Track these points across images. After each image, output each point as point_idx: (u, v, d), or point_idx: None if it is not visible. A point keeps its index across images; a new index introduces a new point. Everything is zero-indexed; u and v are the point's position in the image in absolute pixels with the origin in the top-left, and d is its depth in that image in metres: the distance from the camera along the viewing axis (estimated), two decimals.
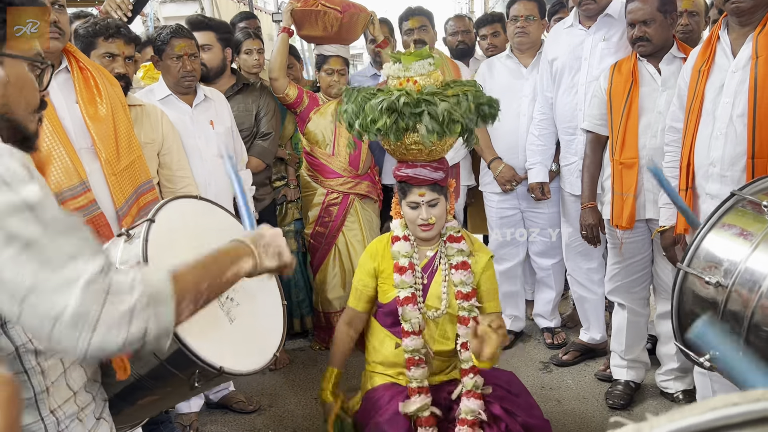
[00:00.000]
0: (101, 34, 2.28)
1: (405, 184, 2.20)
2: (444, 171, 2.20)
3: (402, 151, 2.17)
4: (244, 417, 3.01)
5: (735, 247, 1.40)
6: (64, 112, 2.00)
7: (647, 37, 2.60)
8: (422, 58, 2.15)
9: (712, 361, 1.41)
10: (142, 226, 1.34)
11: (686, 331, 1.51)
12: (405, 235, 2.25)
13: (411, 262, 2.22)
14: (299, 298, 3.75)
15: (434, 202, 2.17)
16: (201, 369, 1.31)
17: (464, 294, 2.20)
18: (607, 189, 2.86)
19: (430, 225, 2.17)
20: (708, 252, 1.46)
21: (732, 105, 2.19)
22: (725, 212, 1.49)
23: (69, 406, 1.14)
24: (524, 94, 3.33)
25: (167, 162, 2.45)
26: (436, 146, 2.13)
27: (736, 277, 1.35)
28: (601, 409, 2.92)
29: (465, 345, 2.18)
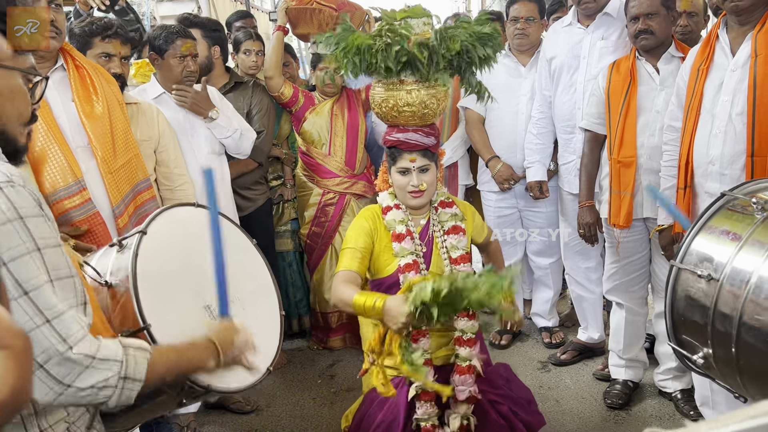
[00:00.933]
0: (98, 34, 2.27)
1: (395, 150, 2.15)
2: (435, 137, 2.16)
3: (393, 114, 2.12)
4: (242, 417, 3.00)
5: (724, 246, 1.43)
6: (59, 110, 1.98)
7: (651, 30, 2.59)
8: (417, 17, 2.07)
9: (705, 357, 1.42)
10: (134, 237, 1.33)
11: (680, 331, 1.52)
12: (396, 204, 2.20)
13: (408, 228, 2.16)
14: (297, 298, 3.73)
15: (425, 167, 2.13)
16: (188, 386, 1.31)
17: (455, 258, 2.16)
18: (605, 188, 2.86)
19: (420, 192, 2.12)
20: (699, 251, 1.48)
21: (731, 103, 2.19)
22: (715, 212, 1.51)
23: (60, 426, 1.13)
24: (522, 93, 3.32)
25: (164, 159, 2.43)
26: (428, 108, 2.08)
27: (726, 271, 1.37)
28: (600, 409, 2.91)
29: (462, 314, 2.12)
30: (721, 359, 1.40)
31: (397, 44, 1.95)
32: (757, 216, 1.40)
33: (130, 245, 1.33)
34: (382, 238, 2.18)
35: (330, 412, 2.97)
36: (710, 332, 1.39)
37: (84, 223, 1.94)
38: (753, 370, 1.34)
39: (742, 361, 1.34)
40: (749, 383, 1.38)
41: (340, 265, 2.13)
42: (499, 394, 2.17)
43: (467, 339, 2.15)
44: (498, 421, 2.10)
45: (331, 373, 3.38)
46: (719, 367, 1.43)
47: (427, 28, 2.07)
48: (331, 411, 2.97)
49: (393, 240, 2.15)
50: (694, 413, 2.71)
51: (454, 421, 2.10)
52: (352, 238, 2.15)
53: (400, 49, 1.96)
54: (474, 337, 2.17)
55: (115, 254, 1.34)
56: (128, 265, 1.28)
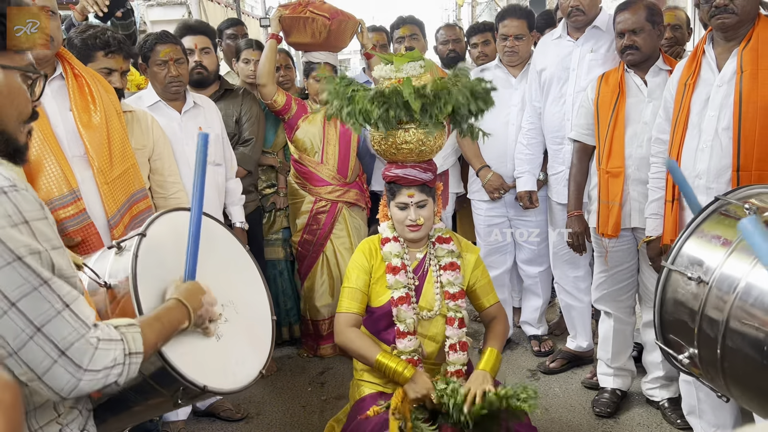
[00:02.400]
0: (101, 49, 2.28)
1: (394, 185, 2.22)
2: (433, 172, 2.22)
3: (392, 151, 2.18)
4: (232, 425, 3.00)
5: (714, 251, 1.45)
6: (57, 119, 1.98)
7: (636, 45, 2.64)
8: (413, 60, 2.17)
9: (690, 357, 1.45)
10: (134, 240, 1.34)
11: (667, 331, 1.55)
12: (394, 236, 2.27)
13: (403, 262, 2.24)
14: (287, 306, 3.74)
15: (423, 203, 2.19)
16: (184, 387, 1.32)
17: (451, 294, 2.24)
18: (593, 198, 2.90)
19: (418, 226, 2.18)
20: (690, 255, 1.51)
21: (717, 118, 2.23)
22: (708, 216, 1.53)
23: (51, 427, 1.13)
24: (513, 104, 3.36)
25: (158, 168, 2.43)
26: (425, 146, 2.14)
27: (716, 275, 1.40)
28: (588, 417, 2.94)
29: (453, 347, 2.22)
30: (706, 360, 1.43)
31: (395, 107, 2.04)
32: None
33: (129, 247, 1.34)
34: (378, 269, 2.26)
35: (320, 420, 2.97)
36: (697, 334, 1.42)
37: (78, 234, 1.94)
38: (736, 372, 1.37)
39: (726, 364, 1.37)
40: (732, 385, 1.41)
41: (341, 306, 2.25)
42: None
43: (455, 370, 2.22)
44: None
45: (321, 381, 3.39)
46: (704, 367, 1.46)
47: (423, 71, 2.16)
48: (321, 419, 2.98)
49: (387, 272, 2.24)
50: (681, 422, 2.74)
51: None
52: (352, 276, 2.26)
53: (397, 112, 2.05)
54: (462, 369, 2.25)
55: (114, 256, 1.36)
56: (128, 267, 1.29)
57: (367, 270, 2.25)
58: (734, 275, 1.36)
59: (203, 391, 1.35)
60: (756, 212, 1.40)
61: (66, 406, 1.17)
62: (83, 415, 1.22)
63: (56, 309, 1.02)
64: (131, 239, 1.36)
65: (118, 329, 1.12)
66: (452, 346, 2.21)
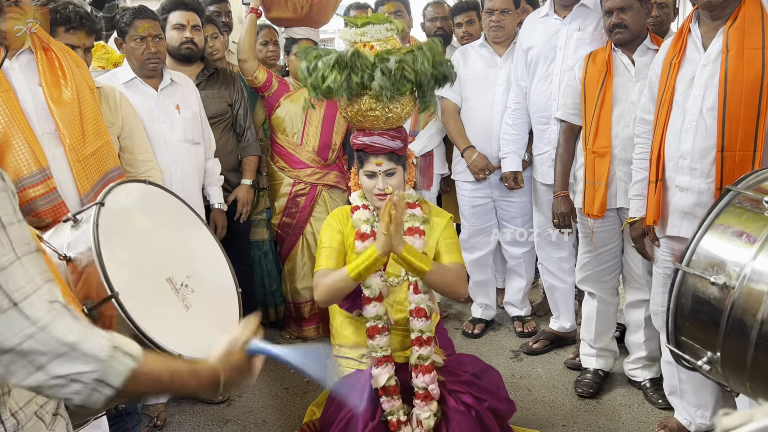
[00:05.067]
0: (62, 24, 2.20)
1: (362, 153, 2.17)
2: (402, 140, 2.17)
3: (359, 118, 2.13)
4: (213, 408, 2.97)
5: (737, 249, 1.35)
6: (26, 95, 1.91)
7: (624, 23, 2.61)
8: (379, 23, 2.11)
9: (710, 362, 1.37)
10: (91, 210, 1.30)
11: (681, 334, 1.47)
12: (364, 204, 2.24)
13: (372, 229, 2.19)
14: (272, 288, 3.69)
15: (391, 171, 2.15)
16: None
17: None
18: (579, 178, 2.88)
19: (386, 195, 2.13)
20: (708, 252, 1.40)
21: (702, 98, 2.21)
22: (722, 209, 1.44)
23: (30, 407, 1.10)
24: (498, 83, 3.32)
25: (128, 146, 2.36)
26: (392, 113, 2.10)
27: (743, 279, 1.29)
28: (571, 398, 2.95)
29: (411, 312, 2.18)
30: (731, 365, 1.35)
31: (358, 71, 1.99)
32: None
33: (87, 218, 1.30)
34: (349, 236, 2.22)
35: (302, 402, 2.96)
36: (722, 338, 1.33)
37: (48, 214, 1.88)
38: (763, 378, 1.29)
39: (756, 370, 1.29)
40: (760, 389, 1.33)
41: (317, 265, 2.19)
42: (460, 382, 2.20)
43: (426, 338, 2.19)
44: (458, 408, 2.12)
45: None
46: (725, 372, 1.38)
47: (390, 34, 2.10)
48: (304, 401, 2.96)
49: (356, 238, 2.20)
50: (663, 402, 2.76)
51: (427, 420, 2.13)
52: (326, 237, 2.22)
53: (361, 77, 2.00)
54: (431, 336, 2.21)
55: (69, 229, 1.32)
56: (89, 237, 1.25)
57: (339, 230, 2.21)
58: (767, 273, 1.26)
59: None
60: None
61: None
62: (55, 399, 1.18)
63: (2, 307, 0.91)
64: (88, 210, 1.32)
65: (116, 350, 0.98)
66: (411, 311, 2.18)
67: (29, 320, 0.92)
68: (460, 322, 3.66)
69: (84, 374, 0.94)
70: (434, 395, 2.15)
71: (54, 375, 0.93)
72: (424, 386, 2.14)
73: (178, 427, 2.84)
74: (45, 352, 0.92)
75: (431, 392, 2.15)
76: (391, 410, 2.15)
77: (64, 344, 0.93)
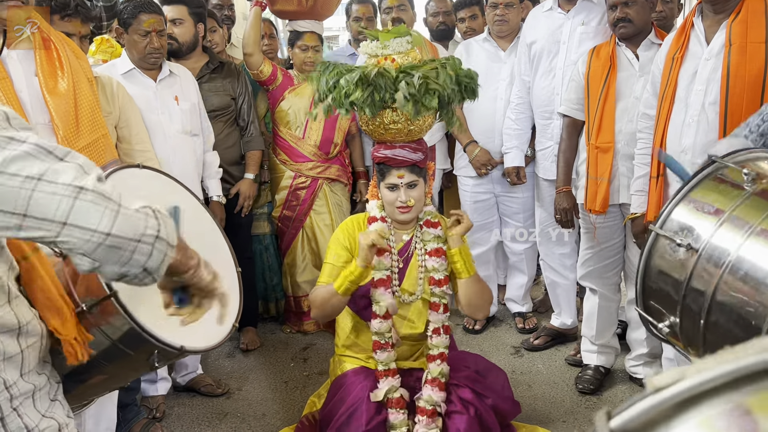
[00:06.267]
0: (57, 12, 2.18)
1: (383, 166, 2.17)
2: (423, 152, 2.17)
3: (380, 131, 2.13)
4: (213, 400, 2.98)
5: (704, 220, 1.37)
6: (21, 84, 1.91)
7: (629, 18, 2.59)
8: (400, 36, 2.11)
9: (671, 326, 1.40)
10: None
11: (649, 297, 1.49)
12: (382, 217, 2.22)
13: (388, 244, 2.19)
14: (273, 282, 3.70)
15: (413, 183, 2.15)
16: (160, 349, 1.27)
17: (437, 280, 2.19)
18: (582, 173, 2.86)
19: (408, 207, 2.14)
20: (679, 221, 1.42)
21: (705, 93, 2.19)
22: (701, 180, 1.44)
23: (22, 382, 1.09)
24: (502, 78, 3.30)
25: (125, 136, 2.36)
26: (414, 125, 2.10)
27: (705, 245, 1.32)
28: (571, 394, 2.93)
29: (436, 330, 2.19)
30: (687, 331, 1.38)
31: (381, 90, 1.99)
32: (746, 188, 1.33)
33: None
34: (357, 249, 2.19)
35: (302, 395, 2.95)
36: (681, 303, 1.37)
37: None
38: (718, 346, 1.33)
39: (709, 336, 1.32)
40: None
41: (318, 281, 2.23)
42: (460, 376, 2.20)
43: (439, 353, 2.20)
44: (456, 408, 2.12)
45: (303, 357, 3.37)
46: (683, 337, 1.41)
47: (410, 46, 2.10)
48: (303, 394, 2.96)
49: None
50: None
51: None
52: (331, 254, 2.24)
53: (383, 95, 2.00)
54: (444, 352, 2.22)
55: None
56: None
57: (346, 247, 2.21)
58: (725, 246, 1.29)
59: (180, 352, 1.30)
60: (755, 179, 1.32)
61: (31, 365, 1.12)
62: (52, 384, 1.18)
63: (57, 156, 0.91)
64: None
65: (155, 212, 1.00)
66: (435, 330, 2.20)
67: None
68: (461, 318, 3.65)
69: (151, 221, 0.96)
70: (442, 411, 2.14)
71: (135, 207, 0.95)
72: (435, 403, 2.14)
73: (177, 419, 2.85)
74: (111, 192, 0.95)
75: (439, 409, 2.14)
76: (395, 423, 2.14)
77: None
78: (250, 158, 3.29)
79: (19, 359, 1.09)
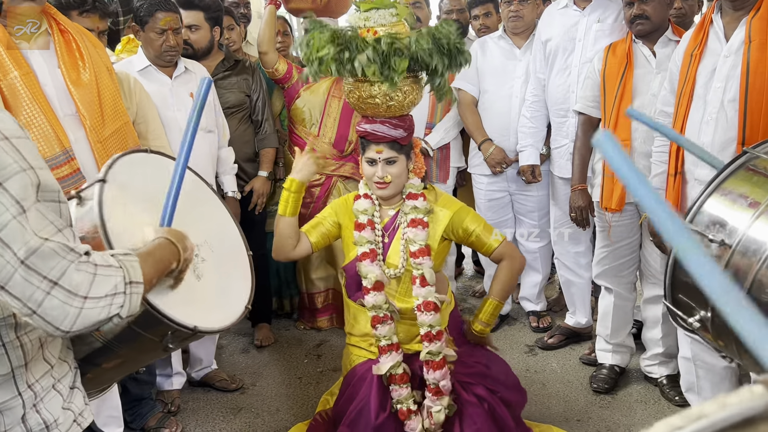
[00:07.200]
0: (75, 8, 2.21)
1: (364, 140, 2.16)
2: (405, 129, 2.13)
3: (360, 105, 2.10)
4: (227, 395, 3.00)
5: (739, 211, 1.34)
6: (46, 77, 1.93)
7: (646, 14, 2.57)
8: (383, 7, 2.04)
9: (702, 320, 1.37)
10: (94, 187, 1.30)
11: (678, 291, 1.47)
12: (366, 194, 2.22)
13: (370, 219, 2.19)
14: (287, 278, 3.71)
15: (392, 159, 2.12)
16: (173, 330, 1.28)
17: (413, 252, 2.15)
18: (597, 171, 2.85)
19: (385, 183, 2.12)
20: (712, 212, 1.39)
21: (723, 90, 2.17)
22: (733, 172, 1.41)
23: (46, 380, 1.11)
24: (517, 76, 3.29)
25: (142, 131, 2.37)
26: (394, 101, 2.05)
27: (740, 238, 1.29)
28: (586, 393, 2.92)
29: (418, 307, 2.14)
30: (719, 325, 1.35)
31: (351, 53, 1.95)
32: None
33: (90, 196, 1.29)
34: (349, 225, 2.22)
35: (315, 391, 2.97)
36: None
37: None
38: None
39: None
40: (746, 353, 1.33)
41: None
42: (472, 373, 2.18)
43: (436, 333, 2.16)
44: (471, 401, 2.11)
45: (317, 353, 3.38)
46: (715, 331, 1.38)
47: (395, 19, 2.04)
48: (317, 390, 2.97)
49: (354, 228, 2.20)
50: (680, 398, 2.72)
51: (438, 414, 2.11)
52: (322, 213, 2.30)
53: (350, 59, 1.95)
54: (441, 330, 2.19)
55: (75, 207, 1.32)
56: (95, 216, 1.24)
57: (334, 215, 2.25)
58: (761, 240, 1.26)
59: (194, 332, 1.31)
60: None
61: (55, 356, 1.15)
62: (72, 371, 1.20)
63: (42, 238, 0.94)
64: (91, 187, 1.32)
65: (115, 257, 1.05)
66: (418, 306, 2.14)
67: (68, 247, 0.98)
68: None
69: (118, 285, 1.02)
70: (445, 391, 2.13)
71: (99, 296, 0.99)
72: (436, 382, 2.13)
73: (192, 413, 2.87)
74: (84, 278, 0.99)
75: (443, 388, 2.13)
76: (400, 399, 2.14)
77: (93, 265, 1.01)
78: (264, 156, 3.31)
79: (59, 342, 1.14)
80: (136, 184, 1.42)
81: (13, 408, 1.06)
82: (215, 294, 1.47)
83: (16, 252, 0.92)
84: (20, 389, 1.07)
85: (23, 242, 0.92)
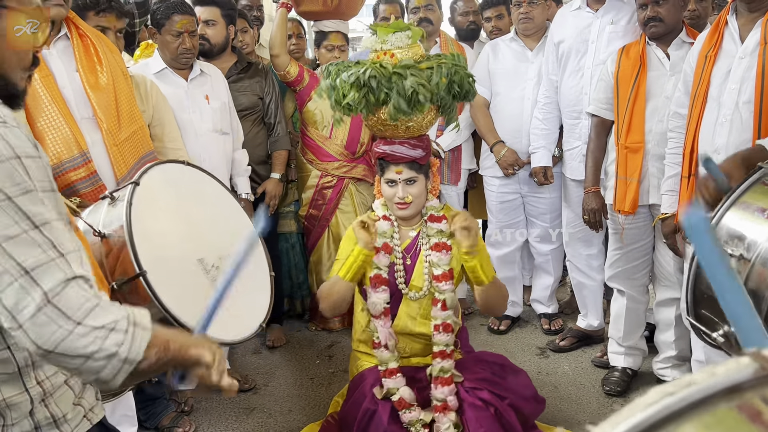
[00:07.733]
0: (92, 8, 2.23)
1: (383, 161, 2.15)
2: (423, 149, 2.14)
3: (379, 127, 2.12)
4: (240, 396, 3.01)
5: (758, 224, 1.33)
6: (64, 80, 1.96)
7: (660, 17, 2.56)
8: (400, 30, 2.08)
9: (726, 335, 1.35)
10: (127, 188, 1.32)
11: (700, 306, 1.46)
12: (385, 215, 2.22)
13: (386, 243, 2.18)
14: (299, 280, 3.73)
15: (412, 180, 2.12)
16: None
17: (437, 275, 2.16)
18: (610, 174, 2.84)
19: (406, 204, 2.12)
20: (730, 227, 1.38)
21: (738, 91, 2.16)
22: (750, 186, 1.41)
23: (57, 377, 1.13)
24: (529, 78, 3.29)
25: (158, 134, 2.40)
26: (412, 122, 2.07)
27: (759, 251, 1.28)
28: (598, 396, 2.91)
29: (437, 327, 2.17)
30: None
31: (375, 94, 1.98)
32: None
33: (122, 197, 1.32)
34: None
35: (327, 392, 2.97)
36: None
37: (90, 196, 1.92)
38: None
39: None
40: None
41: (329, 276, 2.24)
42: (477, 379, 2.19)
43: (449, 352, 2.18)
44: (475, 403, 2.11)
45: (329, 354, 3.39)
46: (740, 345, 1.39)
47: (410, 41, 2.07)
48: (328, 391, 2.98)
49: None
50: None
51: (447, 431, 2.12)
52: (342, 249, 2.24)
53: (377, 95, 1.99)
54: (453, 349, 2.21)
55: (107, 207, 1.34)
56: (122, 215, 1.27)
57: (355, 243, 2.18)
58: None
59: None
60: None
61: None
62: None
63: (49, 256, 0.93)
64: (124, 189, 1.34)
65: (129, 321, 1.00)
66: (436, 326, 2.17)
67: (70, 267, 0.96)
68: (486, 318, 3.64)
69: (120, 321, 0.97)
70: (452, 406, 2.14)
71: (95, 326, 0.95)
72: (443, 398, 2.14)
73: (205, 413, 2.88)
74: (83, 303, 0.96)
75: (449, 403, 2.14)
76: (410, 422, 2.15)
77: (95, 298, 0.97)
78: (276, 158, 3.33)
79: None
80: (169, 193, 1.44)
81: (19, 403, 1.07)
82: (233, 307, 1.48)
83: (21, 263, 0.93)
84: (27, 385, 1.08)
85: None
